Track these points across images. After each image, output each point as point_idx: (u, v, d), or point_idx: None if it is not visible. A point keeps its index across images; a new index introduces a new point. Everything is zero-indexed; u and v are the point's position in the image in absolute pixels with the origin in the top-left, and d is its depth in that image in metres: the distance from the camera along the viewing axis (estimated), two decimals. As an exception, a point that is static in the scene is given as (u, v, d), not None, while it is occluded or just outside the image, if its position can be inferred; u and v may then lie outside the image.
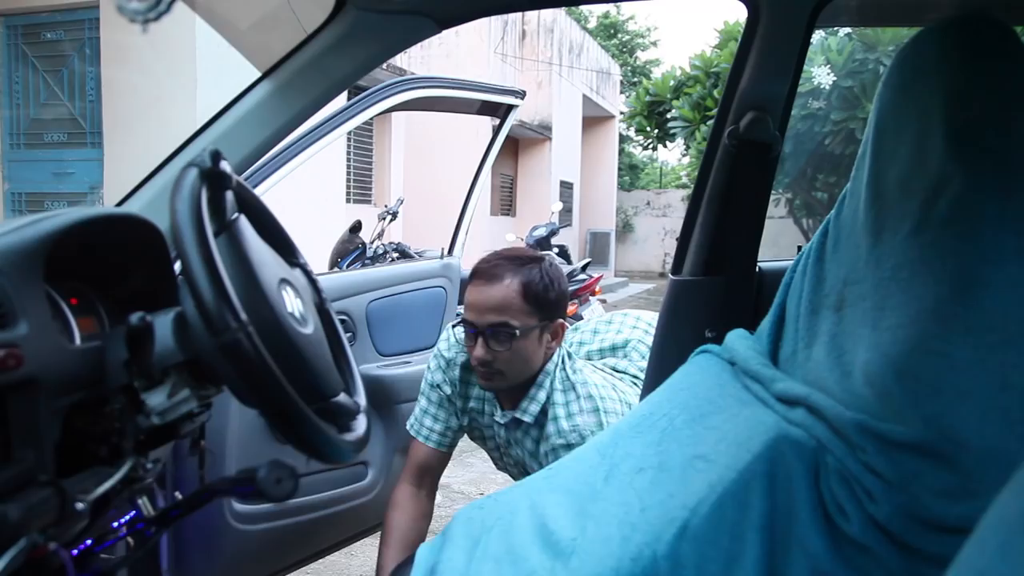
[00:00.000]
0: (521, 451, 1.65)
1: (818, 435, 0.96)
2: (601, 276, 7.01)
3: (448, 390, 1.70)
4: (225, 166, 0.91)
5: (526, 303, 1.51)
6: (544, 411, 1.58)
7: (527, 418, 1.58)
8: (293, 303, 0.95)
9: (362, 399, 1.06)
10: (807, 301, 1.13)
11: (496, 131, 2.53)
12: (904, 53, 1.06)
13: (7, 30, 6.32)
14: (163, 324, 0.84)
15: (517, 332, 1.49)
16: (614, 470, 1.08)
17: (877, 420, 0.89)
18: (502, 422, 1.63)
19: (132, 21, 0.71)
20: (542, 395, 1.58)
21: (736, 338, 1.24)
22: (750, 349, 1.19)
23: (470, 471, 3.99)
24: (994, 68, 0.99)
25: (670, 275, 1.56)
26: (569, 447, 1.50)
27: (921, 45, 1.04)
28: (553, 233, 8.11)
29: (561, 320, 1.59)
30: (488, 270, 1.53)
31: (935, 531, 0.85)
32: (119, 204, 1.28)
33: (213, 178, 0.89)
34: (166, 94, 5.69)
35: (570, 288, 2.49)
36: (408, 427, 1.76)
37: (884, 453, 0.88)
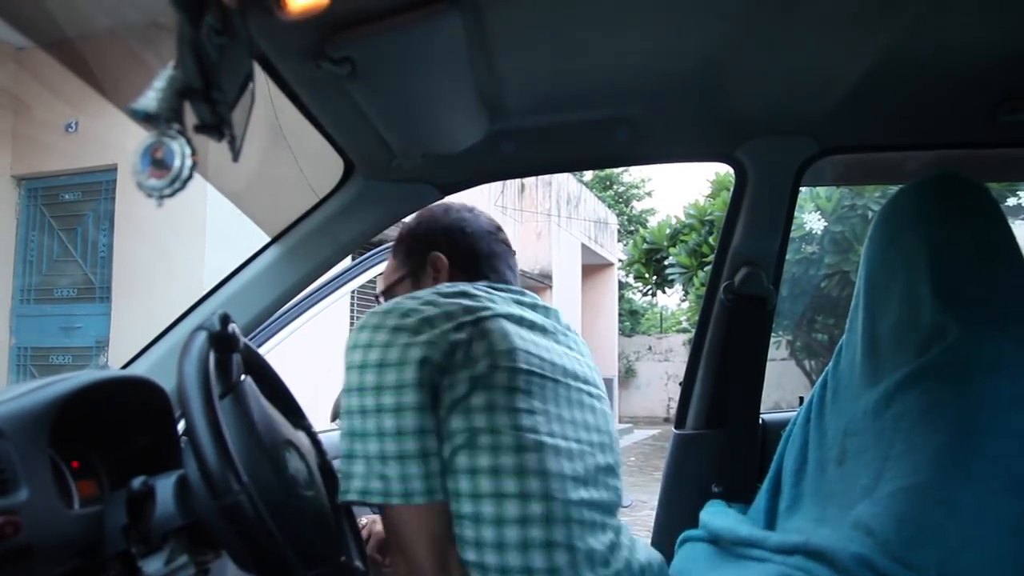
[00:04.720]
0: None
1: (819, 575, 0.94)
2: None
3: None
4: (233, 329, 0.93)
5: (394, 258, 1.23)
6: None
7: None
8: (296, 465, 0.95)
9: (363, 563, 1.04)
10: (814, 460, 1.13)
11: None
12: (886, 210, 1.11)
13: (27, 193, 6.57)
14: (165, 488, 0.84)
15: (380, 298, 1.20)
16: None
17: (880, 557, 0.89)
18: None
19: (149, 197, 0.76)
20: None
21: (711, 516, 1.24)
22: (730, 519, 1.19)
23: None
24: (971, 223, 1.04)
25: (674, 429, 1.56)
26: None
27: (901, 202, 1.10)
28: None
29: (438, 254, 1.17)
30: None
31: None
32: (126, 365, 1.29)
33: (221, 341, 0.91)
34: (174, 251, 5.85)
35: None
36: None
37: None
